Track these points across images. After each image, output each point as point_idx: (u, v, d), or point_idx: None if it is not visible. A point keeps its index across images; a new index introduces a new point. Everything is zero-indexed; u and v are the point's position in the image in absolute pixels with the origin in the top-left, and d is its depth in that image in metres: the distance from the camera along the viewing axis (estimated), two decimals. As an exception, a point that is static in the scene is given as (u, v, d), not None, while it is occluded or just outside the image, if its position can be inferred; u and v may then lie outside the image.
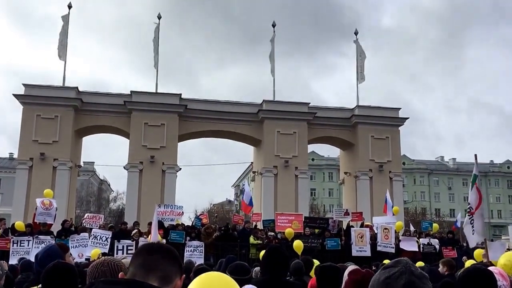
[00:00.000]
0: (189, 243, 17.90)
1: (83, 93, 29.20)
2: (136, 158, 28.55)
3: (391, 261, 2.09)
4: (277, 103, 30.70)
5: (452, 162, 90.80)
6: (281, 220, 19.85)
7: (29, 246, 16.85)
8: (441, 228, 51.40)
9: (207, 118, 30.06)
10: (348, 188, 32.77)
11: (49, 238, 17.23)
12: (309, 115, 30.58)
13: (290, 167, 29.82)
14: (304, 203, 30.13)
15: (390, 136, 31.21)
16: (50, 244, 5.27)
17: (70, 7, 29.65)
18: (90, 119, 29.18)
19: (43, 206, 17.63)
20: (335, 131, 31.69)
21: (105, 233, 17.74)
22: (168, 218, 19.15)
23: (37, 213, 17.67)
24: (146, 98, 29.21)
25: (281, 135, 30.05)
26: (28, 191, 26.81)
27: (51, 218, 17.93)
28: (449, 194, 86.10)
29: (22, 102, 28.12)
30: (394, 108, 32.47)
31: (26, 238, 17.09)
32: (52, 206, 17.90)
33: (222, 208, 74.76)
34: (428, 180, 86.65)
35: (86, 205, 60.05)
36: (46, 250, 4.80)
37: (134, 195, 28.21)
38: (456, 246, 18.95)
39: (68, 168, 27.97)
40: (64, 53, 28.88)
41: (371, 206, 29.57)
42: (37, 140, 27.64)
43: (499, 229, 78.78)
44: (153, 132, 28.73)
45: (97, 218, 19.52)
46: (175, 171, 29.09)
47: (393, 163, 31.13)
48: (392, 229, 18.42)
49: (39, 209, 17.58)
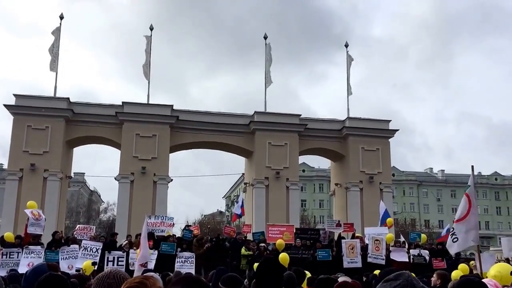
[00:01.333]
0: (180, 254, 17.85)
1: (74, 103, 29.12)
2: (127, 169, 28.47)
3: (393, 274, 2.12)
4: (269, 115, 30.87)
5: (441, 173, 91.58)
6: (273, 231, 19.89)
7: (18, 258, 16.69)
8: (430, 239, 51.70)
9: (199, 129, 30.11)
10: (338, 199, 32.89)
11: (39, 248, 17.14)
12: (300, 126, 30.77)
13: (281, 178, 29.92)
14: (295, 214, 30.21)
15: (380, 148, 31.48)
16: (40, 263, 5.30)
17: (61, 18, 29.68)
18: (81, 130, 29.08)
19: (33, 217, 17.52)
20: (326, 142, 31.89)
21: (96, 244, 17.64)
22: (159, 229, 19.09)
23: (29, 224, 17.53)
24: (138, 109, 29.22)
25: (272, 147, 30.17)
26: (18, 202, 26.56)
27: (41, 228, 17.83)
28: (437, 206, 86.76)
29: (13, 112, 27.98)
30: (384, 120, 32.77)
31: (15, 250, 16.94)
32: (41, 217, 17.79)
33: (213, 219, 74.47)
34: (417, 192, 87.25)
35: (76, 216, 59.58)
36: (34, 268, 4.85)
37: (125, 206, 28.08)
38: (445, 257, 19.08)
39: (58, 179, 27.80)
40: (56, 63, 28.85)
41: (361, 217, 29.72)
42: (27, 150, 27.48)
43: (487, 240, 79.31)
44: (144, 143, 28.69)
45: (89, 229, 19.33)
46: (166, 182, 29.05)
47: (383, 175, 31.37)
48: (383, 240, 18.52)
49: (31, 220, 17.46)
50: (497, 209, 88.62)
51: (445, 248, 21.36)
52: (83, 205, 68.18)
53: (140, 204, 27.16)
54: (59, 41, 29.19)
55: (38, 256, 16.66)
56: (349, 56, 32.72)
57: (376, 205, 29.59)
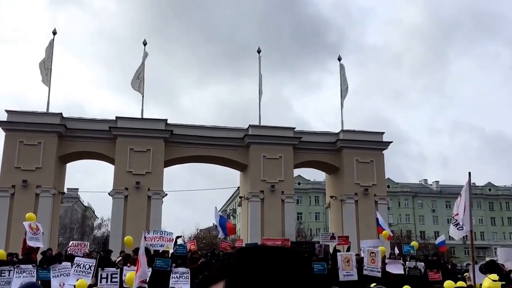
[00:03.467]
0: (175, 270, 17.62)
1: (67, 119, 28.98)
2: (121, 184, 28.27)
3: None
4: (263, 128, 30.85)
5: (436, 185, 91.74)
6: (268, 245, 19.74)
7: (10, 276, 16.46)
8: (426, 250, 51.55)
9: (193, 143, 30.03)
10: (334, 212, 32.81)
11: (31, 267, 16.88)
12: (294, 139, 30.76)
13: (277, 191, 29.81)
14: (290, 228, 30.05)
15: (374, 160, 31.51)
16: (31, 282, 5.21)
17: (54, 34, 29.69)
18: (74, 145, 28.90)
19: (31, 231, 17.34)
20: (320, 155, 31.88)
21: (89, 261, 17.36)
22: (158, 244, 18.76)
23: (27, 238, 17.34)
24: (132, 124, 29.11)
25: (267, 160, 30.11)
26: (9, 219, 26.35)
27: (40, 242, 17.67)
28: (433, 217, 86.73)
29: (5, 128, 27.81)
30: (378, 132, 32.84)
31: (7, 268, 16.69)
32: (39, 231, 17.63)
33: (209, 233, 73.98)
34: (412, 203, 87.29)
35: (70, 232, 59.01)
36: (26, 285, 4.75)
37: (119, 221, 27.82)
38: (441, 269, 18.98)
39: (51, 195, 27.54)
40: (49, 78, 28.75)
41: (357, 230, 29.64)
42: (19, 167, 27.27)
43: (482, 250, 79.23)
44: (138, 158, 28.55)
45: (83, 246, 19.07)
46: (161, 197, 28.84)
47: (378, 187, 31.35)
48: (378, 253, 18.43)
49: (29, 234, 17.26)
50: (492, 220, 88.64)
51: (441, 260, 21.33)
52: (77, 221, 67.56)
53: (134, 219, 26.92)
54: (52, 55, 29.14)
55: (31, 275, 16.46)
56: (342, 68, 32.86)
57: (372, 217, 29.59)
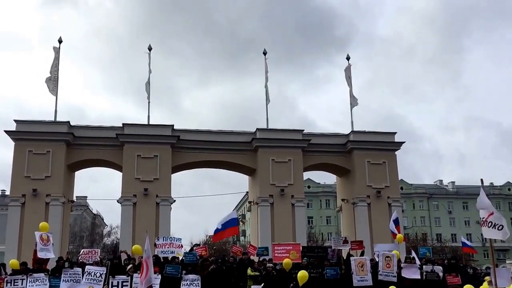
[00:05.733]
0: (185, 277, 17.29)
1: (74, 127, 28.96)
2: (130, 191, 28.10)
3: None
4: (271, 131, 30.50)
5: (451, 185, 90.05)
6: (279, 251, 19.27)
7: (23, 284, 16.37)
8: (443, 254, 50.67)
9: (201, 148, 29.80)
10: (346, 215, 32.28)
11: (43, 275, 16.80)
12: (303, 142, 30.35)
13: (286, 195, 29.39)
14: (301, 232, 29.59)
15: (386, 161, 30.93)
16: None
17: (60, 42, 29.69)
18: (82, 153, 28.87)
19: (42, 242, 17.22)
20: (330, 157, 31.42)
21: (99, 269, 17.21)
22: (168, 251, 18.55)
23: (38, 249, 17.23)
24: (138, 130, 28.99)
25: (276, 163, 29.72)
26: (21, 228, 26.43)
27: (51, 253, 17.55)
28: (449, 219, 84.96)
29: (14, 138, 27.84)
30: (389, 132, 32.26)
31: (20, 277, 16.61)
32: (49, 242, 17.49)
33: (219, 239, 73.68)
34: (427, 205, 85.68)
35: (79, 240, 59.07)
36: None
37: (128, 228, 27.65)
38: (460, 272, 18.42)
39: (61, 203, 27.49)
40: (56, 87, 28.71)
41: (370, 233, 29.12)
42: (29, 176, 27.30)
43: (502, 253, 77.71)
44: (146, 164, 28.39)
45: (93, 253, 18.94)
46: (169, 203, 28.59)
47: (391, 189, 30.75)
48: (394, 257, 17.93)
49: (39, 245, 17.16)
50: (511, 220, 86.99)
51: (460, 263, 20.73)
52: (86, 229, 67.64)
53: (143, 226, 26.67)
54: (58, 64, 29.11)
55: (43, 283, 16.39)
56: (348, 70, 32.43)
57: (385, 220, 29.03)
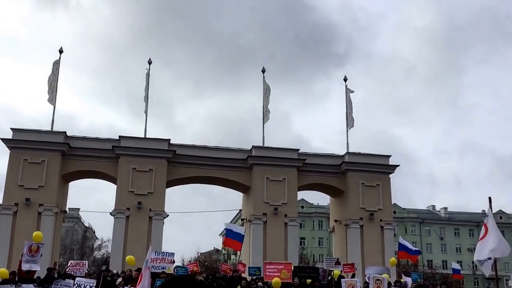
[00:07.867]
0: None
1: (71, 137, 28.96)
2: (123, 204, 28.02)
3: None
4: (267, 149, 30.60)
5: (444, 211, 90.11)
6: (270, 269, 19.27)
7: (10, 294, 16.21)
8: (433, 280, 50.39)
9: (196, 164, 29.82)
10: (338, 236, 32.22)
11: (32, 286, 16.66)
12: (298, 161, 30.44)
13: (280, 214, 29.38)
14: (293, 252, 29.52)
15: (380, 184, 31.03)
16: None
17: (61, 52, 29.88)
18: (77, 164, 28.83)
19: (29, 253, 17.07)
20: (325, 178, 31.49)
21: (89, 281, 17.19)
22: (160, 266, 18.50)
23: (23, 261, 17.06)
24: (135, 143, 29.01)
25: (270, 182, 29.76)
26: (12, 237, 26.21)
27: (36, 265, 17.36)
28: (441, 245, 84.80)
29: (10, 146, 27.80)
30: (384, 155, 32.41)
31: (8, 287, 16.47)
32: (38, 253, 17.34)
33: (210, 257, 73.12)
34: (419, 230, 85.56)
35: (70, 253, 58.47)
36: None
37: (120, 242, 27.49)
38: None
39: (53, 213, 27.36)
40: (54, 97, 28.80)
41: (362, 255, 29.03)
42: (23, 185, 27.22)
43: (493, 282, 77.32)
44: (140, 178, 28.36)
45: (81, 265, 19.01)
46: (162, 218, 28.49)
47: (384, 212, 30.79)
48: (384, 280, 17.92)
49: (25, 256, 17.01)
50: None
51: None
52: (77, 242, 67.02)
53: (135, 240, 26.58)
54: (58, 74, 29.26)
55: None
56: (348, 89, 32.71)
57: (377, 242, 29.01)
